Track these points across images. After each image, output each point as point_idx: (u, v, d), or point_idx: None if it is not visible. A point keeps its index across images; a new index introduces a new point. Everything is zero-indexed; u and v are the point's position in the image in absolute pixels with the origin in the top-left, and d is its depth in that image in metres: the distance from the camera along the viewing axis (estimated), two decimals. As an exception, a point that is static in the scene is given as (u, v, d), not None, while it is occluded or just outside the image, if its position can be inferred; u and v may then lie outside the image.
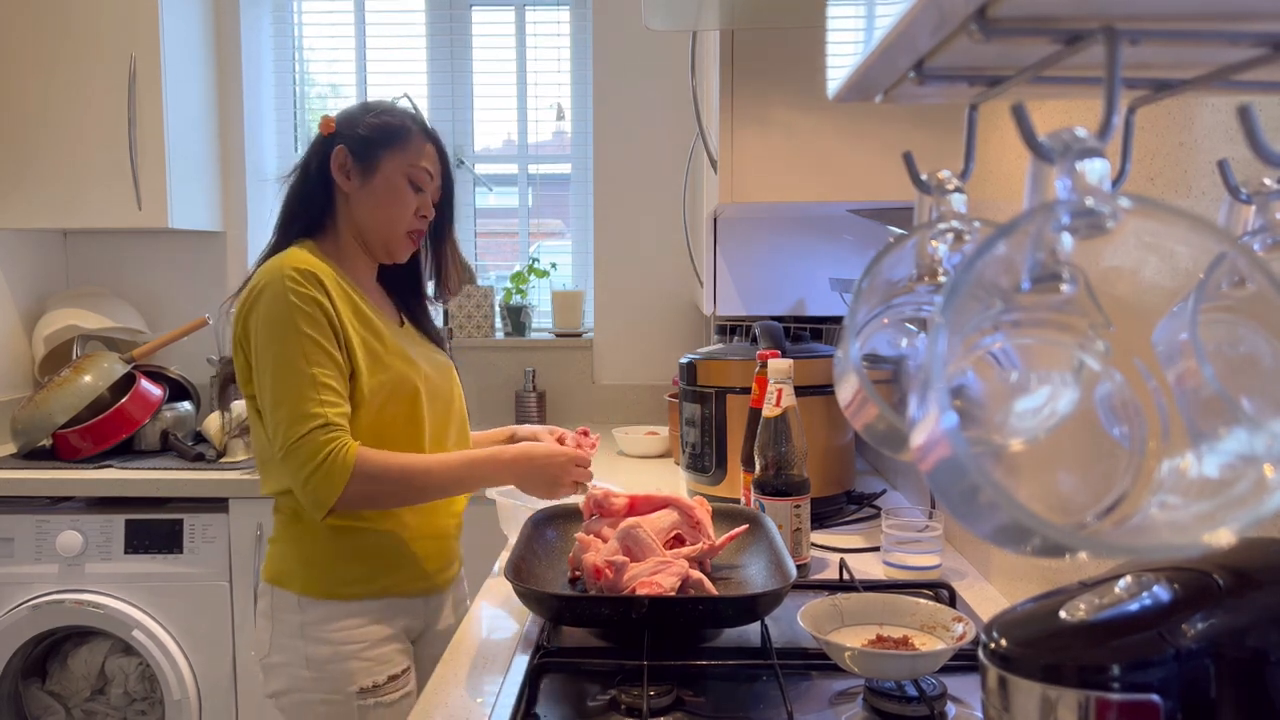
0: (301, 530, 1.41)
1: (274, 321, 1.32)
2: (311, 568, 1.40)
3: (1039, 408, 0.49)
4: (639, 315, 2.93)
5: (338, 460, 1.28)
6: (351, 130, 1.44)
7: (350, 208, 1.45)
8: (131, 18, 2.50)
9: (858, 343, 0.60)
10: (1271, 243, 0.54)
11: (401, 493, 1.36)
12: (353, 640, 1.38)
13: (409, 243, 1.48)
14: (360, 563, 1.41)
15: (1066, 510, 0.47)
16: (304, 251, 1.39)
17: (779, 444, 1.40)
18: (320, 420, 1.29)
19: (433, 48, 3.00)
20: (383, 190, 1.43)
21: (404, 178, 1.43)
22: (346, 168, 1.43)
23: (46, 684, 2.38)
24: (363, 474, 1.29)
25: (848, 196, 1.51)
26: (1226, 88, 0.54)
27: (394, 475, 1.32)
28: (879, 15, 0.52)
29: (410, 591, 1.46)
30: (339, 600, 1.39)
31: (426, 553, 1.47)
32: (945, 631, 1.02)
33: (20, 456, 2.44)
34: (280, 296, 1.31)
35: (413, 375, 1.42)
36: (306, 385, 1.30)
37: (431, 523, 1.47)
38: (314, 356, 1.31)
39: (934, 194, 0.59)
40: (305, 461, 1.28)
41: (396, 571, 1.43)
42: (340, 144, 1.43)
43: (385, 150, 1.43)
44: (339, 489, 1.28)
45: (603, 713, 0.97)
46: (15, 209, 2.55)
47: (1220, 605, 0.55)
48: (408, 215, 1.45)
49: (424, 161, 1.45)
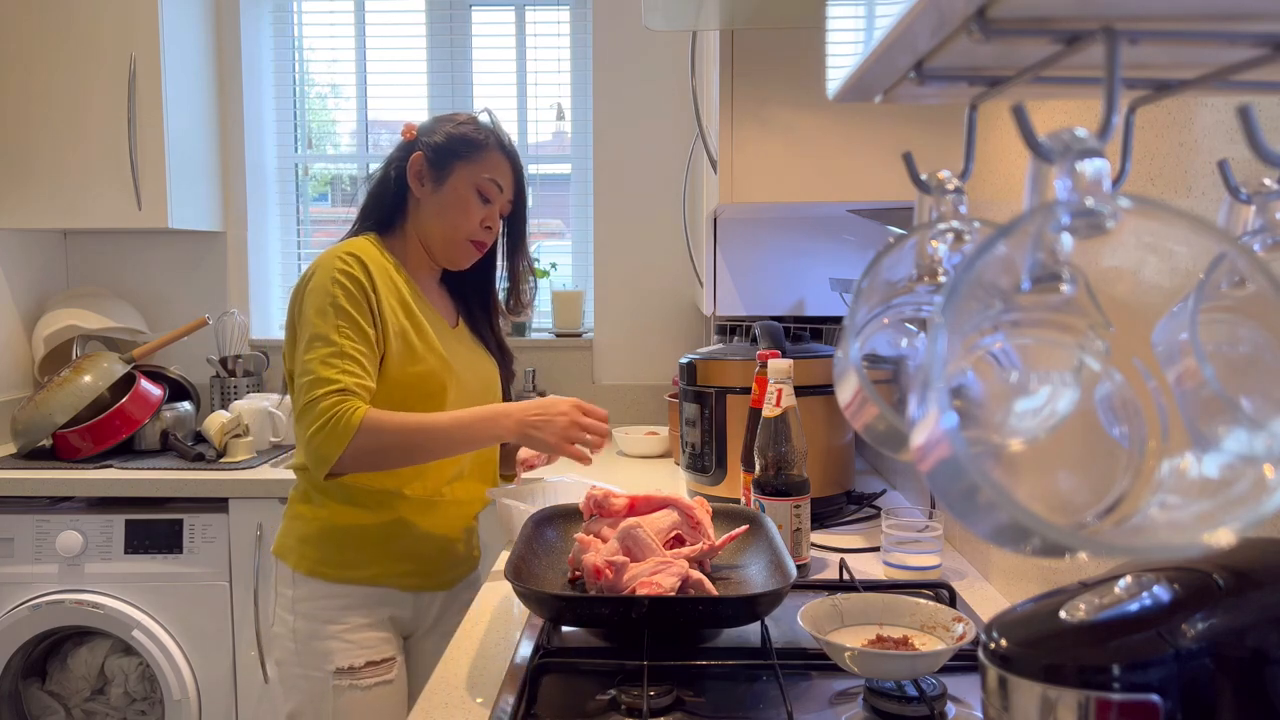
0: (305, 510, 1.46)
1: (317, 294, 1.38)
2: (307, 545, 1.45)
3: (1039, 408, 0.49)
4: (639, 315, 2.93)
5: (343, 420, 1.31)
6: (430, 138, 1.50)
7: (419, 211, 1.51)
8: (131, 18, 2.50)
9: (858, 343, 0.60)
10: (1271, 243, 0.54)
11: (404, 444, 1.36)
12: (335, 620, 1.43)
13: (471, 251, 1.52)
14: (354, 549, 1.44)
15: (1066, 510, 0.47)
16: (364, 241, 1.46)
17: (779, 444, 1.40)
18: (337, 385, 1.33)
19: (433, 48, 3.00)
20: (450, 198, 1.49)
21: (472, 188, 1.49)
22: (421, 174, 1.50)
23: (46, 684, 2.38)
24: (365, 429, 1.31)
25: (848, 196, 1.51)
26: (1226, 88, 0.54)
27: (395, 427, 1.34)
28: (879, 15, 0.52)
29: (403, 585, 1.48)
30: (326, 580, 1.43)
31: (427, 551, 1.49)
32: (945, 632, 1.02)
33: (20, 456, 2.44)
34: (327, 274, 1.38)
35: (442, 374, 1.46)
36: (333, 354, 1.35)
37: (436, 521, 1.49)
38: (346, 330, 1.36)
39: (934, 194, 0.59)
40: (313, 420, 1.32)
41: (390, 563, 1.46)
42: (419, 150, 1.49)
43: (458, 160, 1.48)
44: (342, 446, 1.31)
45: (603, 713, 0.97)
46: (15, 209, 2.55)
47: (1220, 605, 0.55)
48: (472, 224, 1.50)
49: (495, 174, 1.50)
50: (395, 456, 1.38)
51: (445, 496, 1.51)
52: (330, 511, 1.45)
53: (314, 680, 1.42)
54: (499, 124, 1.55)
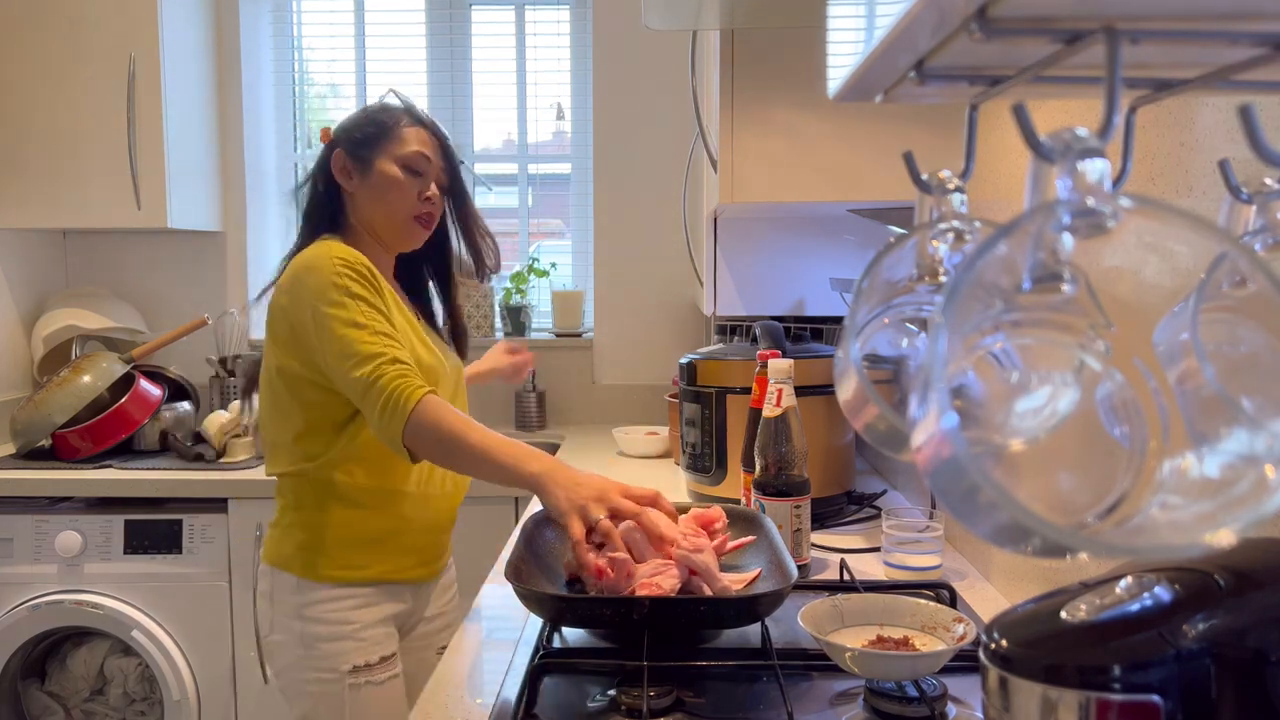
0: (300, 517, 1.46)
1: (326, 289, 1.35)
2: (310, 552, 1.44)
3: (1039, 408, 0.49)
4: (639, 315, 2.93)
5: (402, 396, 1.27)
6: (346, 135, 1.50)
7: (356, 205, 1.50)
8: (131, 18, 2.50)
9: (858, 343, 0.60)
10: (1272, 243, 0.54)
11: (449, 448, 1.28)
12: (349, 620, 1.43)
13: (419, 227, 1.50)
14: (357, 550, 1.45)
15: (1067, 510, 0.47)
16: (339, 243, 1.44)
17: (779, 444, 1.40)
18: (386, 356, 1.30)
19: (433, 48, 2.99)
20: (379, 181, 1.47)
21: (398, 166, 1.47)
22: (346, 168, 1.49)
23: (46, 684, 2.38)
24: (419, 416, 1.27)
25: (848, 196, 1.51)
26: (1226, 88, 0.54)
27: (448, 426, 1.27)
28: (879, 15, 0.52)
29: (405, 579, 1.51)
30: (336, 584, 1.44)
31: (421, 544, 1.53)
32: (946, 632, 1.02)
33: (20, 456, 2.43)
34: (330, 270, 1.36)
35: (439, 370, 1.48)
36: (367, 335, 1.32)
37: (427, 516, 1.52)
38: (369, 314, 1.35)
39: (934, 194, 0.59)
40: (379, 395, 1.28)
41: (393, 559, 1.48)
42: (338, 148, 1.49)
43: (376, 144, 1.47)
44: (401, 422, 1.26)
45: (603, 713, 0.97)
46: (15, 209, 2.55)
47: (1221, 605, 0.55)
48: (409, 200, 1.48)
49: (415, 146, 1.48)
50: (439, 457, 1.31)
51: (437, 490, 1.53)
52: (332, 515, 1.44)
53: (327, 682, 1.42)
54: (408, 100, 1.53)
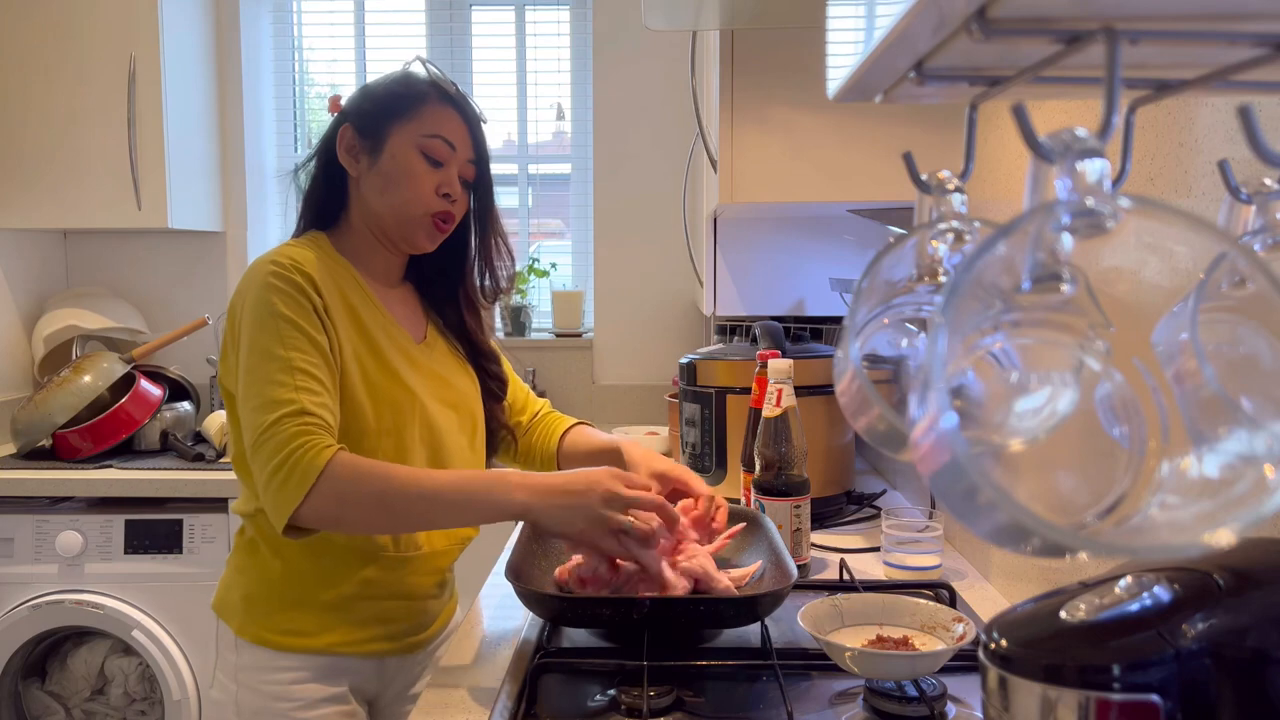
0: (253, 563, 1.24)
1: (253, 307, 1.13)
2: (252, 607, 1.23)
3: (1039, 408, 0.49)
4: (639, 315, 2.93)
5: (305, 459, 1.04)
6: (356, 107, 1.24)
7: (361, 194, 1.24)
8: (131, 17, 2.50)
9: (858, 343, 0.60)
10: (1272, 243, 0.54)
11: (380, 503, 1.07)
12: (285, 697, 1.20)
13: (432, 228, 1.23)
14: (307, 613, 1.21)
15: (1066, 510, 0.47)
16: (304, 243, 1.22)
17: (779, 444, 1.40)
18: (294, 406, 1.07)
19: (433, 48, 2.99)
20: (390, 168, 1.21)
21: (415, 151, 1.20)
22: (353, 147, 1.23)
23: (46, 684, 2.38)
24: (331, 475, 1.05)
25: (848, 196, 1.51)
26: (1226, 88, 0.54)
27: (371, 477, 1.07)
28: (879, 15, 0.52)
29: (364, 653, 1.25)
30: (274, 650, 1.21)
31: (392, 614, 1.26)
32: (945, 632, 1.02)
33: (20, 456, 2.44)
34: (263, 282, 1.13)
35: (406, 407, 1.21)
36: (281, 370, 1.09)
37: (402, 580, 1.25)
38: (291, 340, 1.10)
39: (934, 194, 0.59)
40: (270, 457, 1.05)
41: (351, 630, 1.23)
42: (346, 122, 1.23)
43: (392, 122, 1.21)
44: (301, 494, 1.04)
45: (603, 713, 0.97)
46: (15, 209, 2.55)
47: (1220, 605, 0.55)
48: (424, 195, 1.21)
49: (440, 130, 1.21)
50: (367, 519, 1.10)
51: (421, 549, 1.25)
52: (282, 567, 1.21)
53: None
54: (439, 72, 1.25)
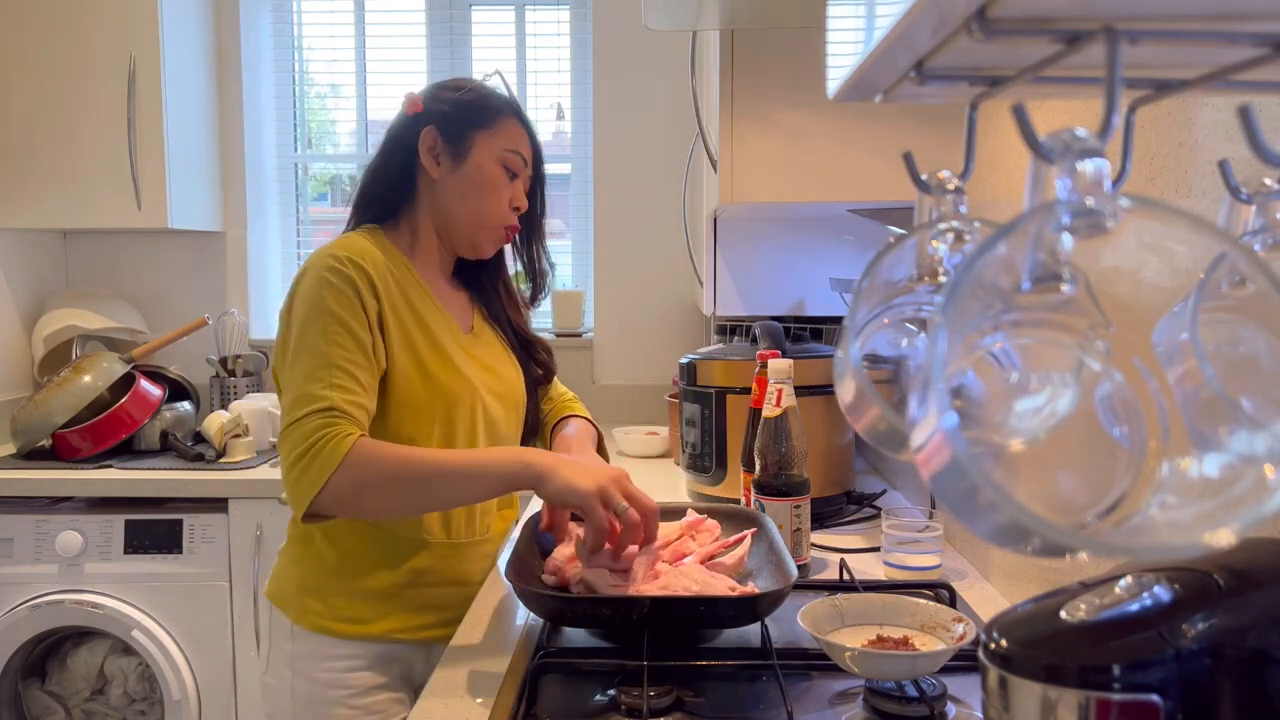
0: (307, 553, 1.29)
1: (305, 299, 1.20)
2: (309, 596, 1.27)
3: (1039, 408, 0.49)
4: (639, 315, 2.93)
5: (327, 447, 1.10)
6: (439, 108, 1.29)
7: (436, 195, 1.30)
8: (131, 18, 2.50)
9: (858, 343, 0.60)
10: (1272, 243, 0.54)
11: (400, 484, 1.13)
12: (340, 685, 1.26)
13: (500, 238, 1.33)
14: (363, 601, 1.27)
15: (1066, 510, 0.47)
16: (361, 237, 1.27)
17: (779, 444, 1.40)
18: (324, 404, 1.12)
19: (433, 48, 3.00)
20: (475, 177, 1.28)
21: (498, 163, 1.29)
22: (436, 150, 1.29)
23: (46, 684, 2.38)
24: (352, 461, 1.10)
25: (848, 196, 1.51)
26: (1226, 88, 0.54)
27: (391, 462, 1.12)
28: (879, 15, 0.52)
29: (417, 640, 1.30)
30: (331, 637, 1.26)
31: (444, 600, 1.31)
32: (945, 632, 1.02)
33: (20, 456, 2.44)
34: (316, 275, 1.20)
35: (461, 393, 1.27)
36: (319, 365, 1.15)
37: (455, 567, 1.32)
38: (335, 336, 1.16)
39: (934, 194, 0.59)
40: (293, 447, 1.11)
41: (408, 617, 1.29)
42: (430, 123, 1.29)
43: (477, 130, 1.28)
44: (322, 479, 1.09)
45: (603, 713, 0.97)
46: (15, 209, 2.55)
47: (1220, 605, 0.55)
48: (501, 206, 1.30)
49: (517, 145, 1.30)
50: (386, 499, 1.15)
51: (474, 537, 1.33)
52: (337, 556, 1.26)
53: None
54: (510, 88, 1.35)
